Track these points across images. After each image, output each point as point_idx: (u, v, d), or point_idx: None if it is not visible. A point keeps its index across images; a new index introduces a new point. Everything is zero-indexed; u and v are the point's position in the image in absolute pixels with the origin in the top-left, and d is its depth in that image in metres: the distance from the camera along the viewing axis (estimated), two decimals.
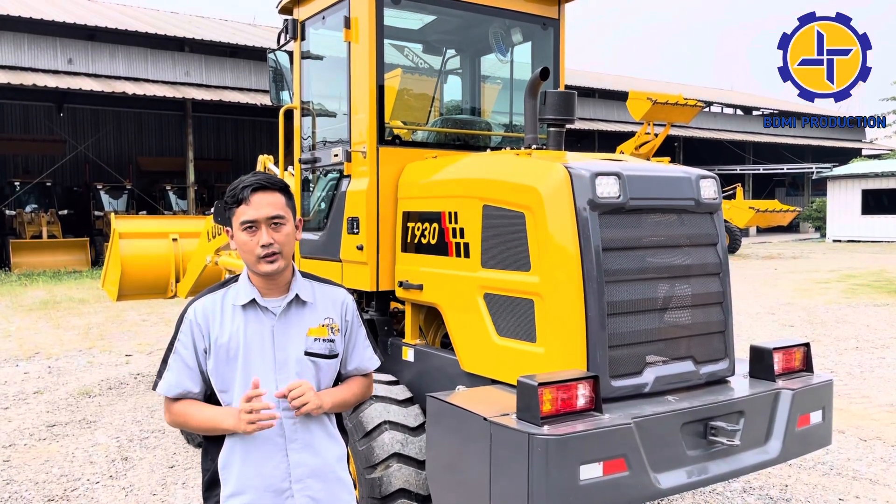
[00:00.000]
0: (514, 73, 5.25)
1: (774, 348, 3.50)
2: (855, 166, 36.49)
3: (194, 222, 7.90)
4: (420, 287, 3.93)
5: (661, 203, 3.32)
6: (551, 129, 3.83)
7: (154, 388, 2.29)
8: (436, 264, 3.84)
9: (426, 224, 3.92)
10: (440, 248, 3.80)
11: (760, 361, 3.53)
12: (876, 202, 33.14)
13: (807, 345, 3.67)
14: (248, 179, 2.26)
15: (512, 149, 3.95)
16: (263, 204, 2.23)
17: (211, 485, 2.32)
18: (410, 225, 4.06)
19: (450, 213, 3.74)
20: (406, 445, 3.56)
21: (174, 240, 7.50)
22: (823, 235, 35.55)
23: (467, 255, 3.62)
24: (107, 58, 22.91)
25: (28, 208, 23.81)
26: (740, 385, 3.46)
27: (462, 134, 4.87)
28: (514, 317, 3.36)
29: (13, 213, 23.45)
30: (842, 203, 34.18)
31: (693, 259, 3.41)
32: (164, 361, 2.29)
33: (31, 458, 5.74)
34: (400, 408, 3.69)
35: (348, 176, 4.36)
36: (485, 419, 2.85)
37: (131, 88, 21.97)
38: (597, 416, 2.87)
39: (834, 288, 16.25)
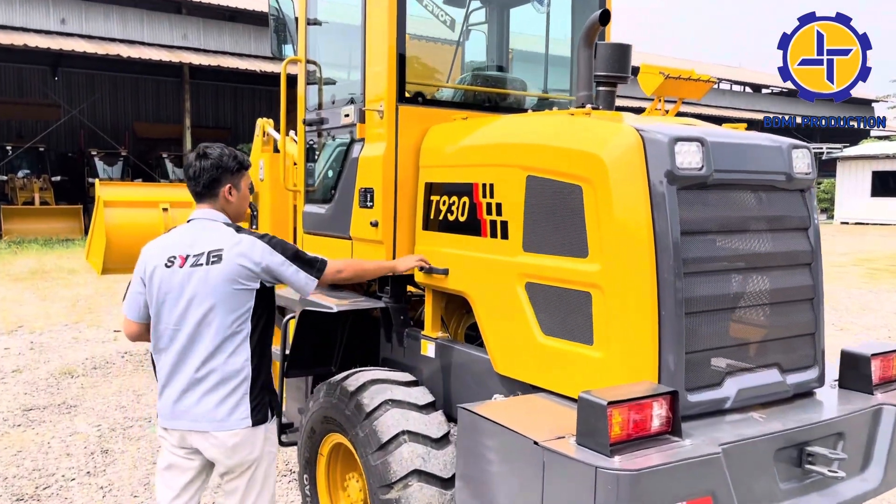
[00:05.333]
0: (550, 28, 4.63)
1: (873, 354, 2.92)
2: (866, 147, 35.78)
3: (185, 191, 7.26)
4: (445, 272, 3.34)
5: (748, 177, 2.72)
6: (601, 87, 3.21)
7: (323, 269, 2.92)
8: (465, 245, 3.25)
9: (454, 198, 3.32)
10: (471, 227, 3.21)
11: (854, 369, 2.95)
12: (886, 184, 32.46)
13: None
14: (239, 152, 2.90)
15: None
16: None
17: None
18: (434, 198, 3.45)
19: (484, 186, 3.14)
20: (428, 460, 2.98)
21: (164, 210, 6.88)
22: (831, 217, 34.92)
23: (505, 235, 3.03)
24: (101, 18, 22.07)
25: (20, 174, 23.07)
26: (831, 398, 2.89)
27: (495, 93, 4.24)
28: (564, 312, 2.77)
29: (5, 178, 22.73)
30: (851, 184, 33.51)
31: (781, 246, 2.82)
32: (307, 257, 2.90)
33: (2, 447, 5.19)
34: (420, 415, 3.12)
35: (361, 140, 3.74)
36: (535, 443, 2.28)
37: (126, 51, 21.16)
38: (676, 441, 2.30)
39: (851, 272, 15.70)
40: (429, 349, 3.54)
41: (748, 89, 44.19)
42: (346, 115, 3.84)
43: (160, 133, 28.60)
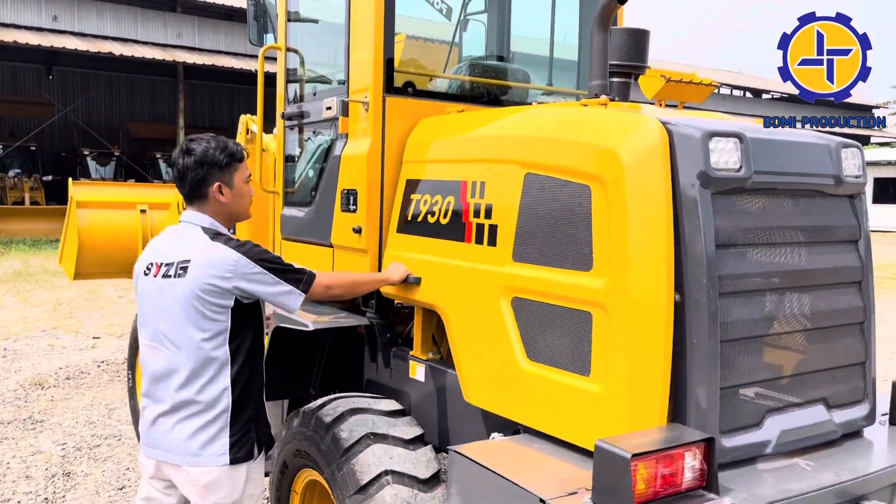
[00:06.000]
0: (555, 19, 4.24)
1: None
2: (868, 153, 35.49)
3: (165, 192, 6.84)
4: (417, 281, 2.91)
5: (792, 180, 2.32)
6: (615, 78, 2.81)
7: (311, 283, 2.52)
8: (444, 251, 2.81)
9: (437, 197, 2.89)
10: (454, 231, 2.77)
11: None
12: (887, 191, 32.12)
13: None
14: (231, 141, 2.55)
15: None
16: None
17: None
18: (415, 197, 3.02)
19: (474, 184, 2.72)
20: None
21: (142, 211, 6.45)
22: None
23: (493, 242, 2.60)
24: (94, 16, 21.67)
25: (11, 173, 22.66)
26: (883, 439, 2.49)
27: (494, 85, 3.82)
28: (556, 334, 2.34)
29: None
30: None
31: (828, 261, 2.42)
32: (293, 269, 2.50)
33: None
34: (406, 451, 2.70)
35: (344, 135, 3.34)
36: (542, 501, 1.87)
37: (119, 49, 20.74)
38: (712, 499, 1.89)
39: None
40: (417, 372, 3.13)
41: (749, 94, 43.85)
42: (328, 108, 3.43)
43: (155, 133, 28.17)
